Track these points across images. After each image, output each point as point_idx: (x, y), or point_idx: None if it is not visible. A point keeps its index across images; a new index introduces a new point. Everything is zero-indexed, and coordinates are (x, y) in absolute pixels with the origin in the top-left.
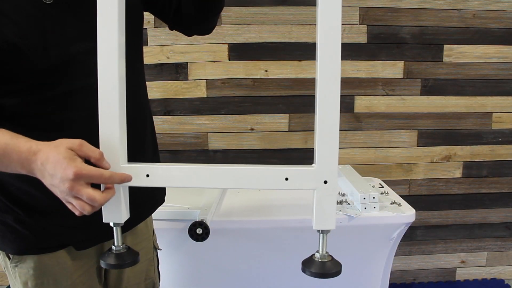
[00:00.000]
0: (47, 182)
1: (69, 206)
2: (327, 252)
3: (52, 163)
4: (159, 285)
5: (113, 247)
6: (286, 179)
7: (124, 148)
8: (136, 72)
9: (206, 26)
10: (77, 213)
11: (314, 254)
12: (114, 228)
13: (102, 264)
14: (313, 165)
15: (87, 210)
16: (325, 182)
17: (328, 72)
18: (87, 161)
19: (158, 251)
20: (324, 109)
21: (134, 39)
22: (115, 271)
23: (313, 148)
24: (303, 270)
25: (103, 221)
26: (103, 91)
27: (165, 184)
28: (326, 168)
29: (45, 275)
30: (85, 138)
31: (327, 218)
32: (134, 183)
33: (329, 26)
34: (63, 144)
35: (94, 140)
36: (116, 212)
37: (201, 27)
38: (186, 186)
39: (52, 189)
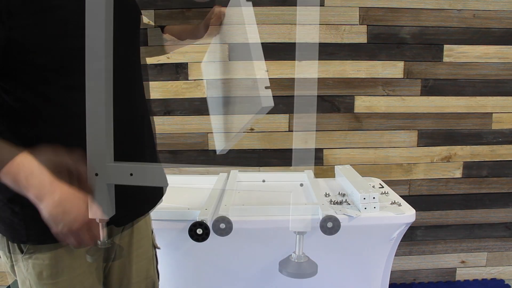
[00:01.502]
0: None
1: (67, 240)
2: (303, 253)
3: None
4: (158, 284)
5: (99, 242)
6: (263, 181)
7: (110, 147)
8: (134, 72)
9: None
10: (75, 246)
11: (291, 254)
12: (100, 224)
13: (88, 259)
14: (290, 168)
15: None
16: (301, 185)
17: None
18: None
19: (157, 250)
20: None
21: (132, 39)
22: (116, 268)
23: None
24: (280, 270)
25: (89, 217)
26: (90, 89)
27: (148, 183)
28: (302, 172)
29: (59, 265)
30: (80, 134)
31: (303, 220)
32: (118, 181)
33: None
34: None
35: None
36: (102, 208)
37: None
38: (170, 185)
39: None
